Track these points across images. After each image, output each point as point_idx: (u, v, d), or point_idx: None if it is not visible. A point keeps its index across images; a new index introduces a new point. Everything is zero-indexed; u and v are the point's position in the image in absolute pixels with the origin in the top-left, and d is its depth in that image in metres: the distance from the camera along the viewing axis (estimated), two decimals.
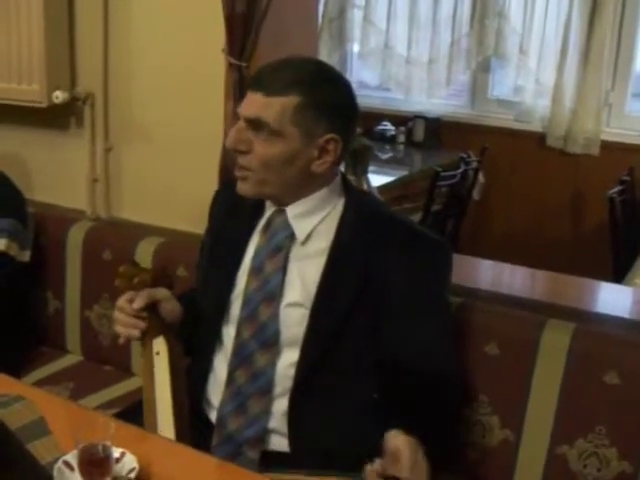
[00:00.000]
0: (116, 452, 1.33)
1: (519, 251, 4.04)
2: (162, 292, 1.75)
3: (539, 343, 1.89)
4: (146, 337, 1.71)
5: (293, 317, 1.66)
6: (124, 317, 1.70)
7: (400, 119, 5.21)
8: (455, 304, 1.97)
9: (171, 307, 1.76)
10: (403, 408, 1.56)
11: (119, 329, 1.71)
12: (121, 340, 1.72)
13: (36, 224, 2.54)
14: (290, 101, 1.58)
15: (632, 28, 4.57)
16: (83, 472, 1.28)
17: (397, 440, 1.39)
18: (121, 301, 1.71)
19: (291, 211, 1.68)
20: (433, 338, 1.67)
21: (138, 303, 1.68)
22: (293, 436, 1.66)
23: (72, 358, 2.57)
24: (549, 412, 1.89)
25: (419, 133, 5.11)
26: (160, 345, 1.71)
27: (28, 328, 2.56)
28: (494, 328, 1.96)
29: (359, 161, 2.36)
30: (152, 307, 1.71)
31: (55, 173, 2.86)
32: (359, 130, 2.96)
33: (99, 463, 1.28)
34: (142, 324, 1.69)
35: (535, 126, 4.86)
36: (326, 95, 1.62)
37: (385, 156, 4.93)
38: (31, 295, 2.59)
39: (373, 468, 1.35)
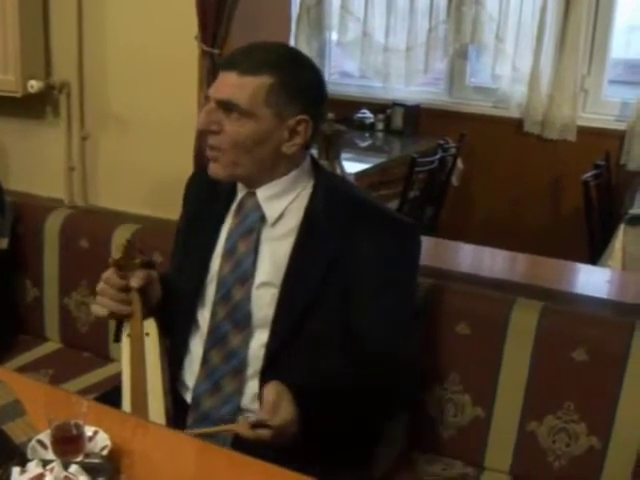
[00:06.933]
0: (89, 430, 1.34)
1: (498, 236, 4.07)
2: (154, 274, 1.78)
3: (508, 322, 1.92)
4: (135, 318, 1.73)
5: (264, 298, 1.69)
6: (113, 291, 1.71)
7: (379, 107, 5.23)
8: (427, 285, 2.00)
9: (156, 289, 1.79)
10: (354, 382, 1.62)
11: (106, 302, 1.72)
12: (101, 312, 1.73)
13: (14, 213, 2.55)
14: (263, 81, 1.60)
15: (608, 13, 4.60)
16: (56, 450, 1.30)
17: (266, 386, 1.49)
18: (110, 274, 1.72)
19: (261, 194, 1.70)
20: (397, 319, 1.69)
21: (137, 282, 1.70)
22: None
23: (51, 345, 2.58)
24: (519, 389, 1.93)
25: (397, 121, 5.13)
26: (150, 326, 1.74)
27: (7, 316, 2.56)
28: (465, 308, 2.00)
29: (332, 145, 2.38)
30: (142, 289, 1.73)
31: (32, 162, 2.87)
32: (332, 116, 2.98)
33: (72, 441, 1.30)
34: (129, 300, 1.71)
35: (512, 112, 4.90)
36: (297, 77, 1.64)
37: (364, 144, 4.96)
38: (10, 283, 2.60)
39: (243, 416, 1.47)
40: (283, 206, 1.70)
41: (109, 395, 1.79)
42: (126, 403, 1.68)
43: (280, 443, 1.46)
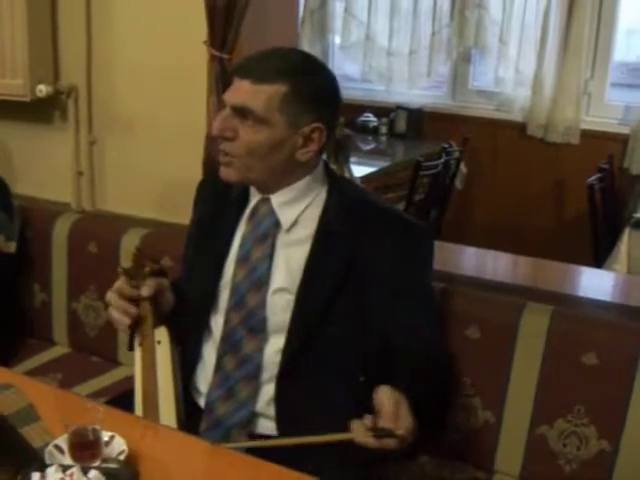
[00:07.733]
0: (105, 435, 1.34)
1: (502, 239, 4.09)
2: (166, 282, 1.78)
3: (518, 326, 1.92)
4: (147, 326, 1.73)
5: (280, 303, 1.69)
6: (122, 302, 1.71)
7: (382, 110, 5.23)
8: (437, 289, 1.99)
9: (168, 297, 1.79)
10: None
11: (115, 314, 1.72)
12: (122, 326, 1.74)
13: (22, 217, 2.56)
14: (277, 89, 1.59)
15: (610, 16, 4.60)
16: (73, 455, 1.30)
17: (382, 393, 1.42)
18: (121, 283, 1.72)
19: (275, 199, 1.70)
20: (420, 321, 1.69)
21: (147, 291, 1.71)
22: (280, 419, 1.69)
23: (60, 349, 2.59)
24: (529, 393, 1.93)
25: (401, 124, 5.13)
26: (162, 334, 1.74)
27: (15, 320, 2.57)
28: (475, 312, 2.00)
29: (341, 150, 2.38)
30: (153, 297, 1.74)
31: (40, 166, 2.87)
32: (342, 120, 2.96)
33: (89, 446, 1.30)
34: (136, 310, 1.71)
35: (516, 116, 4.89)
36: (313, 85, 1.64)
37: (367, 147, 4.96)
38: (18, 287, 2.60)
39: (361, 422, 1.38)
40: (297, 212, 1.70)
41: (119, 399, 1.79)
42: (138, 411, 1.68)
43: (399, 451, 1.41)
